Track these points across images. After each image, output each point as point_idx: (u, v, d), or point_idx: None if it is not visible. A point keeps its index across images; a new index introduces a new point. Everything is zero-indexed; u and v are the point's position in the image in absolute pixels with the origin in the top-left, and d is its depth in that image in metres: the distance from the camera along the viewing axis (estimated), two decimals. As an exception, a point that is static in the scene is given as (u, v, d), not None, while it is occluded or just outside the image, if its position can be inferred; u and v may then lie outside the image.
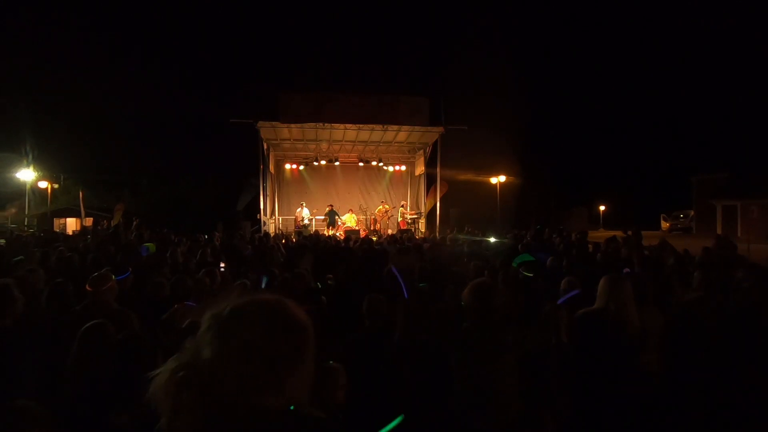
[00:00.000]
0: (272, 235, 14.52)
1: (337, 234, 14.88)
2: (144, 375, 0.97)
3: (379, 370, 2.61)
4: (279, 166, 19.26)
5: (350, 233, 13.93)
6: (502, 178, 25.74)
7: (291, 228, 17.51)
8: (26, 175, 21.55)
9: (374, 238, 12.41)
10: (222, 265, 5.51)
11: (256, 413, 0.90)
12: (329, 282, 5.40)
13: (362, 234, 14.55)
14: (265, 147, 16.77)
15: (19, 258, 5.58)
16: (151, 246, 5.64)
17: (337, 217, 17.07)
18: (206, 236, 11.36)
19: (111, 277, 3.33)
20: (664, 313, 3.03)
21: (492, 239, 12.59)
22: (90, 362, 2.28)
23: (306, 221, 16.98)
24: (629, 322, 2.55)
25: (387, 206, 18.10)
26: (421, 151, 18.51)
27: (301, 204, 17.57)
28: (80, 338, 2.32)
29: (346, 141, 17.81)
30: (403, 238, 11.19)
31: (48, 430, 1.63)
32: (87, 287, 3.21)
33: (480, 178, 26.49)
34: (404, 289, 3.32)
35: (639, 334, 2.55)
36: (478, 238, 12.67)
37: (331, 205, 17.31)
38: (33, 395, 2.09)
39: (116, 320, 2.89)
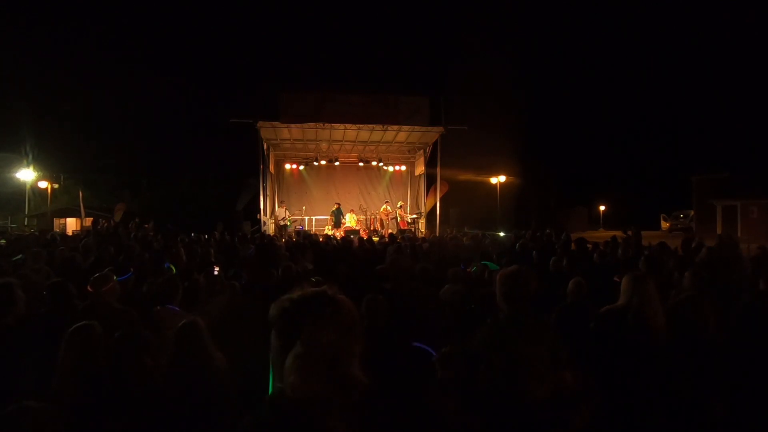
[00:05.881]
0: (272, 234, 14.53)
1: (337, 234, 14.82)
2: (138, 373, 0.99)
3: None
4: (279, 166, 19.25)
5: (350, 233, 13.94)
6: (502, 178, 25.78)
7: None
8: (26, 175, 21.56)
9: (375, 239, 12.41)
10: (216, 268, 5.47)
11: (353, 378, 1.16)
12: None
13: (363, 234, 14.55)
14: (265, 147, 16.75)
15: (18, 257, 5.56)
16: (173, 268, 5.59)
17: (341, 216, 16.93)
18: (206, 236, 11.36)
19: (113, 277, 3.33)
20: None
21: (501, 233, 12.69)
22: (75, 363, 2.26)
23: (284, 221, 16.66)
24: (653, 320, 2.54)
25: (389, 207, 18.12)
26: (421, 151, 18.50)
27: (282, 203, 17.50)
28: (67, 339, 2.31)
29: (346, 141, 17.81)
30: (402, 237, 11.18)
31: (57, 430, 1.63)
32: (89, 288, 3.21)
33: (480, 178, 26.55)
34: (432, 353, 3.33)
35: (664, 332, 2.53)
36: (480, 232, 12.74)
37: (338, 204, 17.14)
38: (34, 394, 2.08)
39: (118, 320, 2.89)
